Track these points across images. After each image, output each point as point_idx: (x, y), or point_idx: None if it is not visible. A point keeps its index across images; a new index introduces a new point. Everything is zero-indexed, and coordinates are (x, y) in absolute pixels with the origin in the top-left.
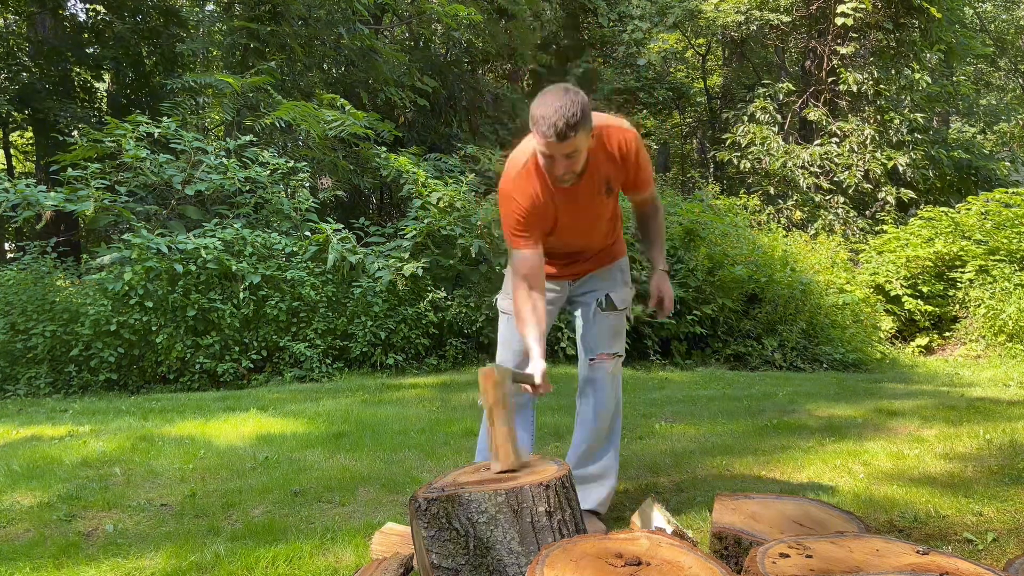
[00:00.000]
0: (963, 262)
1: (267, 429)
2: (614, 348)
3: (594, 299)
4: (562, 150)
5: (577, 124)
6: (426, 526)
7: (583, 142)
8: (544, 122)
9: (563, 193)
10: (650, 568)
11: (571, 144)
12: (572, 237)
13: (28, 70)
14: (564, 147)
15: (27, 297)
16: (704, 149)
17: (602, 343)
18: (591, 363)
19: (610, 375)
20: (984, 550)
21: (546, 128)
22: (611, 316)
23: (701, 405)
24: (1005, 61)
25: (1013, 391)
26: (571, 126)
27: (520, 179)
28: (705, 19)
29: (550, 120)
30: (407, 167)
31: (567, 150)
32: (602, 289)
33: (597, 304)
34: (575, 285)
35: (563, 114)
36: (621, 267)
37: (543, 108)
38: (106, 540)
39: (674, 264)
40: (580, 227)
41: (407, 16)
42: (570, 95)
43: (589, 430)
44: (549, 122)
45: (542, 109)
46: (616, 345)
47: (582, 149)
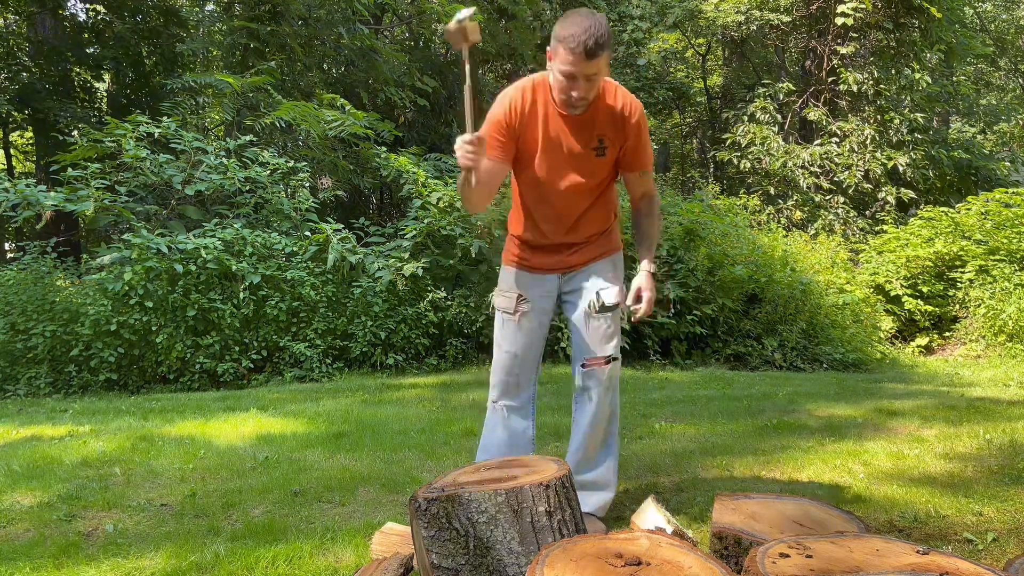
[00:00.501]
0: (963, 262)
1: (267, 429)
2: (607, 351)
3: (584, 298)
4: (587, 69)
5: (605, 43)
6: (426, 526)
7: (605, 66)
8: (573, 39)
9: (553, 128)
10: (650, 568)
11: (597, 64)
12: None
13: (28, 70)
14: (590, 66)
15: (27, 297)
16: (704, 149)
17: (593, 346)
18: (583, 369)
19: (605, 380)
20: (984, 550)
21: (575, 45)
22: (603, 317)
23: (701, 405)
24: (1005, 61)
25: (1013, 391)
26: (600, 44)
27: (519, 89)
28: (705, 19)
29: (579, 38)
30: (407, 167)
31: (592, 70)
32: (591, 288)
33: (588, 306)
34: (564, 281)
35: (592, 33)
36: (614, 262)
37: (571, 27)
38: (106, 540)
39: (674, 264)
40: (560, 177)
41: (407, 16)
42: (597, 17)
43: (584, 436)
44: (578, 40)
45: (570, 28)
46: (609, 347)
47: (603, 74)
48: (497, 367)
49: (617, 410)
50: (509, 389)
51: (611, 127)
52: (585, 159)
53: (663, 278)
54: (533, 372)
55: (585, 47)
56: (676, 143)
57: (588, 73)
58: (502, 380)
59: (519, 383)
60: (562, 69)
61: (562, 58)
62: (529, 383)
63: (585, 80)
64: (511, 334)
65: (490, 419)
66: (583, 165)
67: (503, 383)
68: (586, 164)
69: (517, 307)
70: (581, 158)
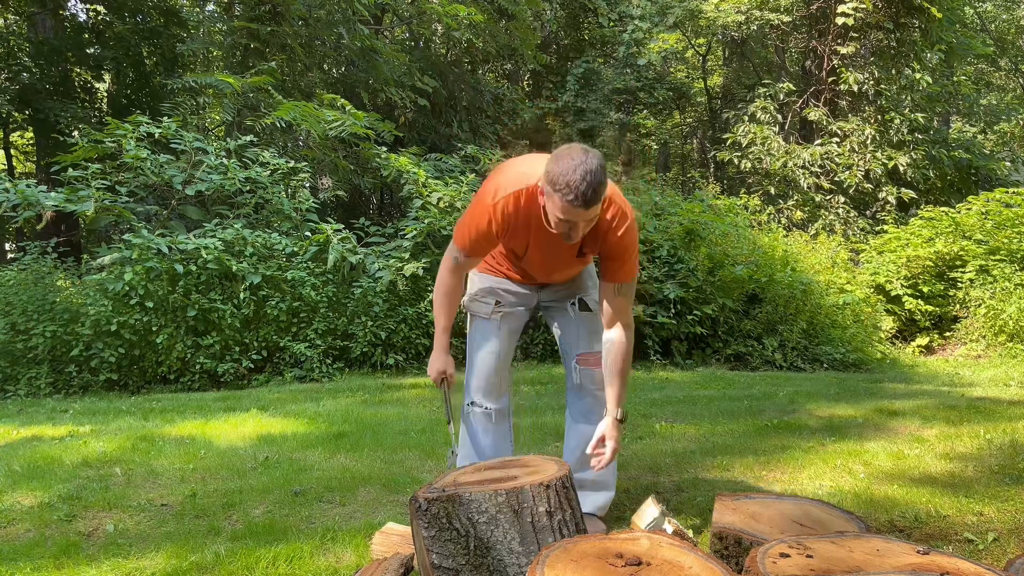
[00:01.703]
0: (963, 262)
1: (267, 429)
2: (595, 347)
3: (567, 303)
4: (586, 216)
5: (602, 186)
6: (426, 526)
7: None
8: (569, 190)
9: (540, 235)
10: (650, 568)
11: (595, 211)
12: (536, 271)
13: (28, 70)
14: (589, 214)
15: (27, 297)
16: (704, 149)
17: (581, 343)
18: (576, 366)
19: (600, 381)
20: (985, 550)
21: (572, 197)
22: (587, 316)
23: (701, 405)
24: (1005, 61)
25: (1013, 391)
26: (598, 191)
27: (508, 202)
28: (705, 19)
29: (576, 189)
30: (407, 167)
31: (591, 216)
32: (573, 294)
33: (571, 305)
34: (544, 292)
35: (589, 182)
36: (589, 271)
37: (565, 172)
38: (106, 540)
39: (674, 264)
40: (546, 268)
41: (407, 16)
42: (591, 158)
43: (580, 436)
44: (575, 191)
45: (564, 175)
46: (596, 344)
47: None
48: (480, 371)
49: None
50: (492, 391)
51: (592, 239)
52: (569, 259)
53: (663, 277)
54: (509, 373)
55: (584, 199)
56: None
57: (587, 219)
58: (486, 383)
59: (501, 385)
60: (559, 216)
61: (558, 206)
62: (507, 385)
63: (585, 223)
64: (492, 335)
65: (471, 427)
66: (568, 261)
67: (487, 385)
68: (570, 262)
69: (495, 311)
70: (565, 259)
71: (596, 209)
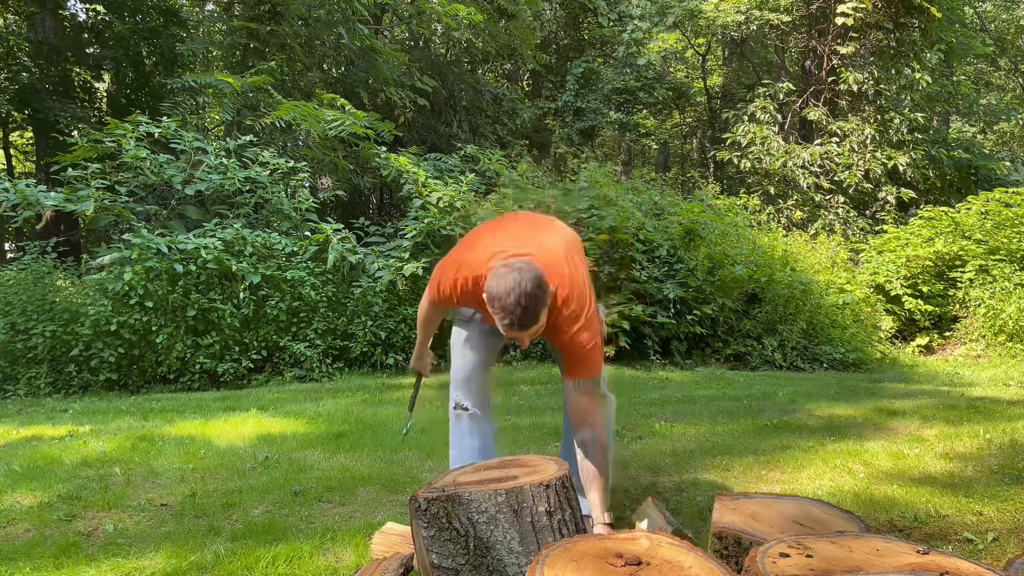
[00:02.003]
0: (963, 262)
1: (267, 429)
2: None
3: None
4: (523, 334)
5: (536, 307)
6: (426, 526)
7: (543, 320)
8: (505, 313)
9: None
10: (650, 568)
11: (535, 328)
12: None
13: (28, 70)
14: (525, 334)
15: (27, 297)
16: (704, 149)
17: None
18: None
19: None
20: (984, 550)
21: (508, 322)
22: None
23: (701, 405)
24: (1005, 61)
25: (1013, 391)
26: (531, 314)
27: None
28: (705, 19)
29: (511, 312)
30: (407, 167)
31: (529, 332)
32: None
33: None
34: None
35: (524, 305)
36: None
37: (502, 298)
38: (106, 540)
39: (674, 264)
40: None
41: (407, 16)
42: (526, 279)
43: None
44: (508, 314)
45: (501, 298)
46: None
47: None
48: (460, 372)
49: (612, 413)
50: (475, 393)
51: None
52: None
53: (663, 277)
54: (491, 375)
55: (519, 323)
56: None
57: (526, 336)
58: (465, 382)
59: (481, 385)
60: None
61: (498, 322)
62: (489, 387)
63: (529, 336)
64: (473, 337)
65: (457, 428)
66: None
67: (466, 385)
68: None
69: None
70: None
71: (535, 328)
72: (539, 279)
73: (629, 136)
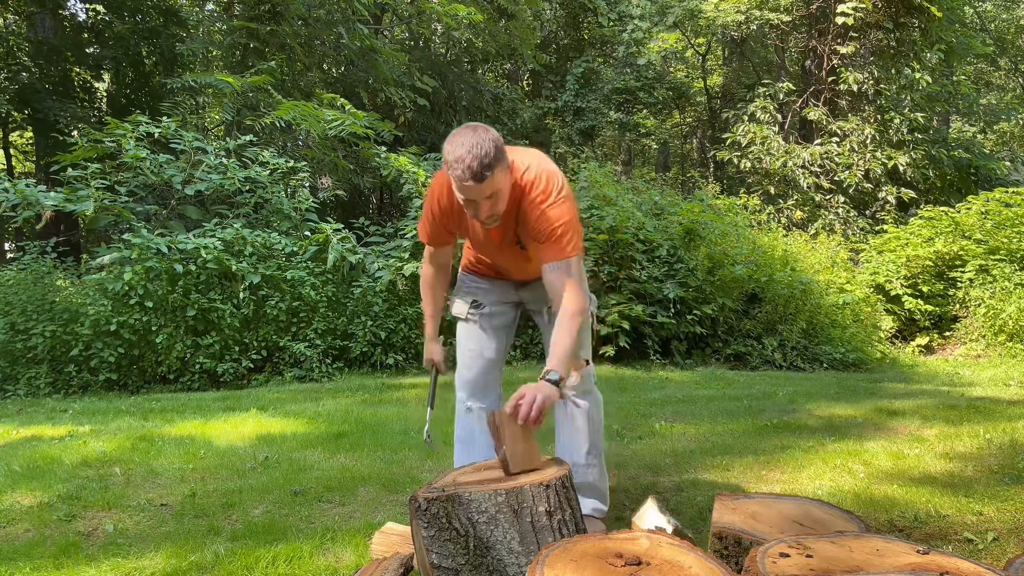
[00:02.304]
0: (963, 262)
1: (267, 429)
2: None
3: (543, 308)
4: (482, 193)
5: (493, 162)
6: (426, 526)
7: (502, 181)
8: (459, 164)
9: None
10: (650, 568)
11: (491, 184)
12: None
13: (28, 70)
14: (483, 190)
15: (27, 297)
16: (704, 149)
17: None
18: None
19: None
20: (984, 549)
21: (461, 171)
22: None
23: (701, 405)
24: (1005, 60)
25: (1013, 391)
26: (487, 165)
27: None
28: (705, 19)
29: (464, 162)
30: (407, 167)
31: (488, 192)
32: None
33: (547, 309)
34: (524, 291)
35: (476, 154)
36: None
37: (456, 150)
38: (106, 540)
39: (674, 264)
40: (497, 261)
41: (407, 16)
42: (480, 134)
43: (564, 442)
44: (464, 165)
45: (455, 151)
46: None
47: (503, 188)
48: (464, 371)
49: (600, 412)
50: (477, 390)
51: (524, 227)
52: (514, 253)
53: (663, 277)
54: (499, 372)
55: (472, 172)
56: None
57: (484, 196)
58: (469, 380)
59: (487, 383)
60: (459, 195)
61: (455, 184)
62: (496, 383)
63: (485, 200)
64: (472, 335)
65: (466, 424)
66: (513, 253)
67: (471, 383)
68: (518, 256)
69: (471, 312)
70: (512, 253)
71: (490, 184)
72: (497, 139)
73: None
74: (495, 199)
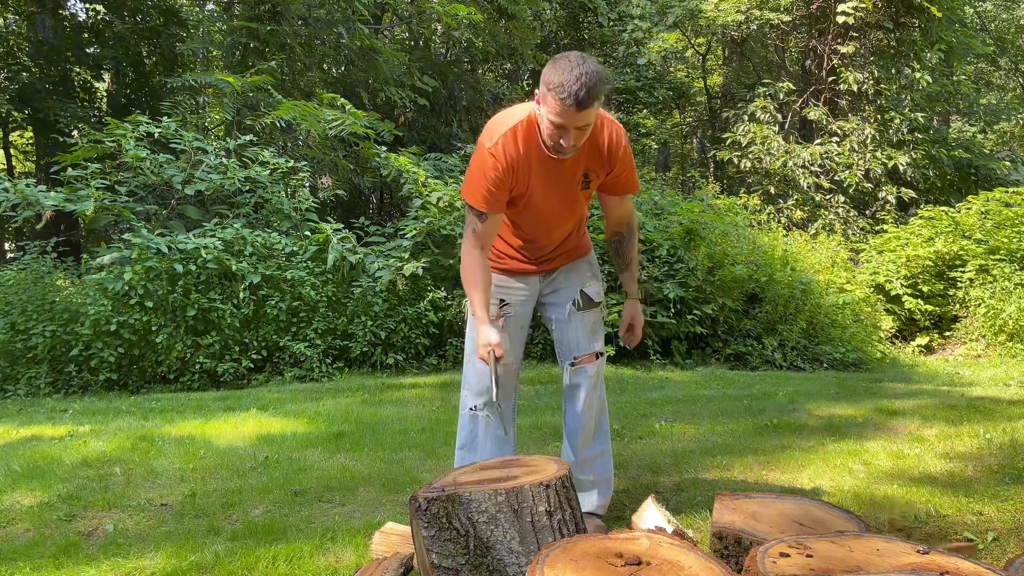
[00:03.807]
0: (963, 261)
1: (267, 429)
2: (594, 346)
3: (566, 298)
4: (579, 121)
5: (597, 92)
6: (426, 526)
7: (595, 113)
8: (563, 89)
9: (543, 169)
10: (650, 568)
11: (588, 114)
12: (539, 222)
13: (28, 70)
14: (581, 117)
15: (27, 297)
16: (704, 148)
17: (582, 344)
18: (572, 367)
19: (592, 377)
20: (984, 549)
21: (565, 96)
22: (588, 313)
23: (701, 405)
24: (1005, 60)
25: (1013, 390)
26: (592, 94)
27: (507, 141)
28: (705, 19)
29: (570, 87)
30: (407, 167)
31: (584, 121)
32: (573, 285)
33: (573, 304)
34: (544, 283)
35: (584, 83)
36: (589, 261)
37: (561, 74)
38: (106, 540)
39: (674, 264)
40: (550, 212)
41: (407, 16)
42: (589, 63)
43: (576, 436)
44: (569, 90)
45: (560, 75)
46: (596, 343)
47: (592, 122)
48: (481, 375)
49: (606, 407)
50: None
51: (597, 161)
52: (571, 194)
53: (663, 277)
54: (515, 377)
55: (577, 98)
56: (676, 143)
57: (579, 124)
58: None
59: (505, 388)
60: (552, 120)
61: (552, 108)
62: (513, 388)
63: (576, 130)
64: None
65: (472, 429)
66: (569, 200)
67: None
68: (572, 198)
69: (500, 312)
70: (568, 193)
71: (589, 114)
72: (603, 70)
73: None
74: (584, 130)
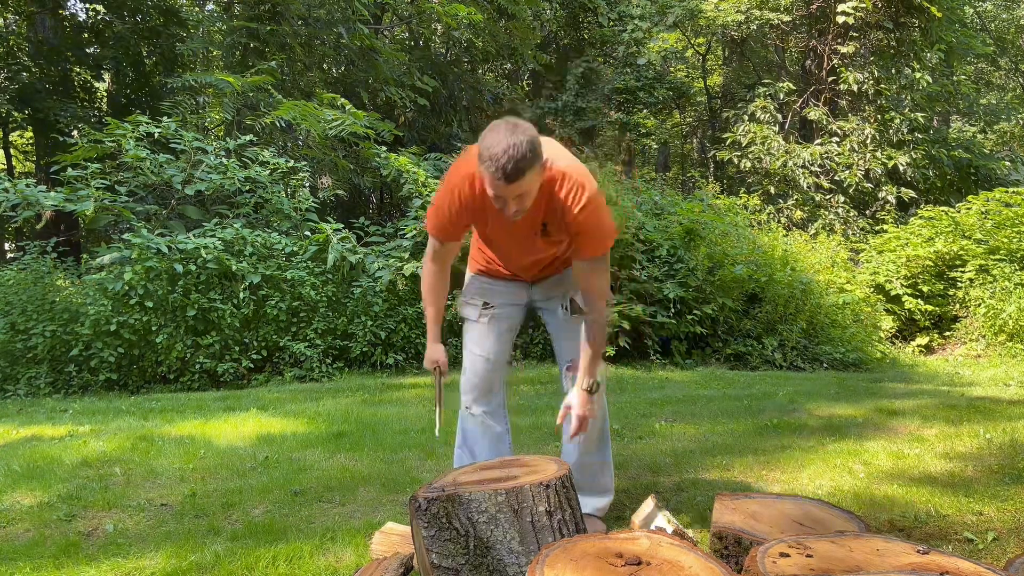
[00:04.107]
0: (963, 261)
1: (267, 429)
2: None
3: (558, 304)
4: (511, 192)
5: (526, 165)
6: (426, 526)
7: (533, 182)
8: (492, 163)
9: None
10: (650, 568)
11: (521, 185)
12: (506, 254)
13: (28, 70)
14: (513, 189)
15: (27, 297)
16: (704, 148)
17: (571, 349)
18: (567, 371)
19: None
20: (984, 549)
21: (494, 169)
22: (577, 320)
23: (701, 405)
24: (1005, 60)
25: (1013, 390)
26: (519, 168)
27: (464, 179)
28: (705, 19)
29: (499, 162)
30: (407, 167)
31: (518, 191)
32: (565, 293)
33: (562, 308)
34: (535, 289)
35: (511, 155)
36: None
37: (491, 148)
38: (106, 540)
39: (674, 264)
40: (516, 253)
41: (407, 16)
42: (519, 133)
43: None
44: (497, 163)
45: (489, 148)
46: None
47: (532, 189)
48: (470, 374)
49: (606, 410)
50: (482, 393)
51: (552, 216)
52: (530, 240)
53: (663, 277)
54: (503, 374)
55: (504, 172)
56: (676, 143)
57: (514, 195)
58: (475, 384)
59: (491, 387)
60: (488, 190)
61: (486, 179)
62: (500, 386)
63: (514, 198)
64: (480, 338)
65: (469, 427)
66: (528, 245)
67: (476, 387)
68: (531, 244)
69: (483, 313)
70: (527, 239)
71: (521, 185)
72: (534, 140)
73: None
74: (524, 197)
